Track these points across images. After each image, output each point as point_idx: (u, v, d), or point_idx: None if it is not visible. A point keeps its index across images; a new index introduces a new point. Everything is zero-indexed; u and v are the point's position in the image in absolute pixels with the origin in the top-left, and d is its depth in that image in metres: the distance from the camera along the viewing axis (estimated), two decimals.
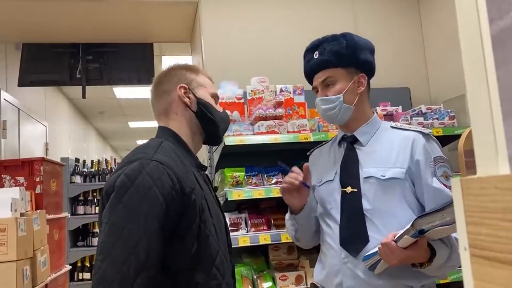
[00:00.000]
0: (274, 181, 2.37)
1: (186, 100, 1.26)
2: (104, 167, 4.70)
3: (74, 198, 4.44)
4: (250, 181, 2.35)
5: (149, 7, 3.39)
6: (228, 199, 2.19)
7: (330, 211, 1.42)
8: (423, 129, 1.40)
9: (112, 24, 3.70)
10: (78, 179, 4.44)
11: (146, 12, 3.48)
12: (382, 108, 2.64)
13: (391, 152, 1.36)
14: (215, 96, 1.34)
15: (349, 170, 1.40)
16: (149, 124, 8.17)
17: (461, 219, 0.44)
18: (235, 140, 2.20)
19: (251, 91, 2.46)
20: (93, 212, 4.43)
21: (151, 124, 8.04)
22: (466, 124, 2.55)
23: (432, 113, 2.61)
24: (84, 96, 4.14)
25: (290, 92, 2.50)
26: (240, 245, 2.17)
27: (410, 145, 1.35)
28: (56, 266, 2.70)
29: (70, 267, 3.11)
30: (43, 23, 3.63)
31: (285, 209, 1.53)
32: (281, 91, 2.50)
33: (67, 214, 3.14)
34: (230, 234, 1.39)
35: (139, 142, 9.42)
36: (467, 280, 0.43)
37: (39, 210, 2.40)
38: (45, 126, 5.03)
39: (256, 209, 2.49)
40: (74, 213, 4.38)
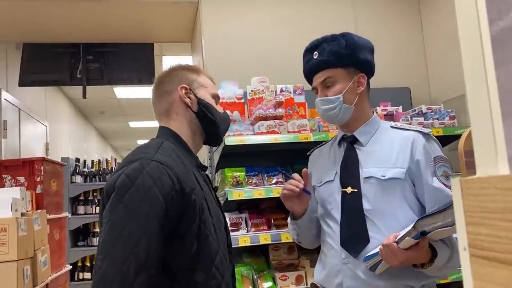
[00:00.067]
0: (274, 181, 2.37)
1: (187, 100, 1.26)
2: (105, 167, 4.70)
3: (74, 198, 4.44)
4: (251, 181, 2.35)
5: (149, 7, 3.39)
6: (229, 199, 2.19)
7: (330, 211, 1.42)
8: (423, 129, 1.40)
9: (113, 24, 3.70)
10: (79, 179, 4.44)
11: (147, 12, 3.49)
12: (383, 108, 2.64)
13: (391, 152, 1.36)
14: (216, 97, 1.34)
15: (349, 170, 1.40)
16: (149, 124, 8.17)
17: (461, 219, 0.45)
18: (235, 140, 2.20)
19: (252, 91, 2.46)
20: (93, 212, 4.43)
21: (152, 124, 8.04)
22: (467, 124, 2.55)
23: (432, 113, 2.61)
24: (84, 96, 4.14)
25: (291, 92, 2.50)
26: (240, 245, 2.18)
27: (410, 145, 1.34)
28: (57, 266, 2.70)
29: (71, 267, 3.11)
30: (43, 23, 3.63)
31: (285, 209, 1.53)
32: (281, 91, 2.50)
33: (67, 214, 3.15)
34: (231, 234, 1.39)
35: (139, 142, 9.42)
36: (467, 280, 0.43)
37: (40, 210, 2.40)
38: (45, 126, 5.03)
39: (256, 209, 2.49)
40: (74, 213, 4.38)
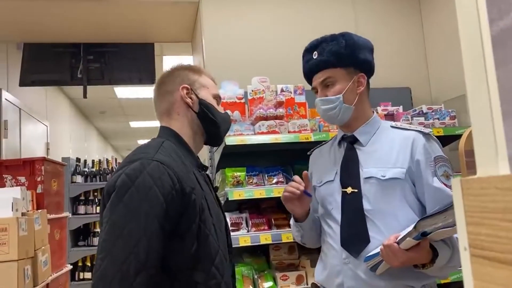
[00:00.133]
0: (275, 181, 2.37)
1: (188, 100, 1.26)
2: (105, 167, 4.70)
3: (75, 197, 4.44)
4: (251, 181, 2.35)
5: (150, 7, 3.39)
6: (229, 199, 2.19)
7: (330, 211, 1.42)
8: (423, 128, 1.39)
9: (113, 24, 3.70)
10: (79, 178, 4.44)
11: (147, 12, 3.49)
12: (383, 108, 2.64)
13: (391, 152, 1.36)
14: (217, 97, 1.34)
15: (349, 171, 1.40)
16: (150, 124, 8.17)
17: (461, 219, 0.45)
18: (236, 140, 2.20)
19: (252, 91, 2.46)
20: (94, 212, 4.43)
21: (152, 124, 8.05)
22: (467, 124, 2.55)
23: (433, 113, 2.61)
24: (85, 96, 4.14)
25: (291, 92, 2.50)
26: (241, 245, 2.18)
27: (410, 145, 1.34)
28: (57, 265, 2.70)
29: (71, 266, 3.12)
30: (44, 23, 3.63)
31: (286, 209, 1.52)
32: (282, 91, 2.50)
33: (68, 214, 3.15)
34: (231, 234, 1.39)
35: (140, 142, 9.43)
36: (467, 280, 0.43)
37: (40, 210, 2.40)
38: (46, 126, 5.03)
39: (257, 209, 2.49)
40: (75, 212, 4.38)
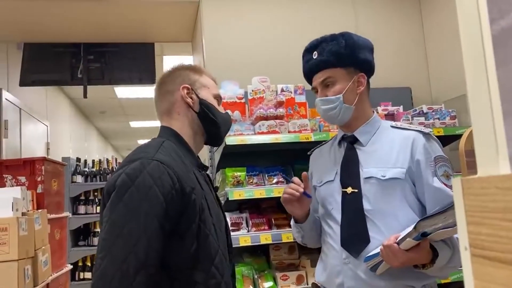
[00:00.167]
0: (275, 181, 2.37)
1: (189, 100, 1.26)
2: (105, 167, 4.70)
3: (75, 197, 4.44)
4: (251, 180, 2.35)
5: (150, 7, 3.39)
6: (229, 199, 2.19)
7: (331, 211, 1.42)
8: (423, 128, 1.39)
9: (113, 24, 3.70)
10: (79, 178, 4.44)
11: (147, 12, 3.49)
12: (383, 108, 2.64)
13: (391, 152, 1.36)
14: (218, 97, 1.34)
15: (349, 171, 1.40)
16: (150, 124, 8.17)
17: (461, 219, 0.44)
18: (236, 140, 2.20)
19: (252, 90, 2.46)
20: (94, 211, 4.43)
21: (152, 124, 8.05)
22: (467, 124, 2.54)
23: (433, 113, 2.61)
24: (85, 95, 4.14)
25: (291, 92, 2.50)
26: (241, 244, 2.18)
27: (410, 145, 1.34)
28: (57, 265, 2.70)
29: (71, 266, 3.12)
30: (44, 23, 3.63)
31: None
32: (282, 90, 2.50)
33: (68, 214, 3.15)
34: (231, 233, 1.39)
35: (140, 141, 9.43)
36: (468, 280, 0.43)
37: (41, 210, 2.40)
38: (46, 126, 5.03)
39: (257, 208, 2.49)
40: (75, 212, 4.38)
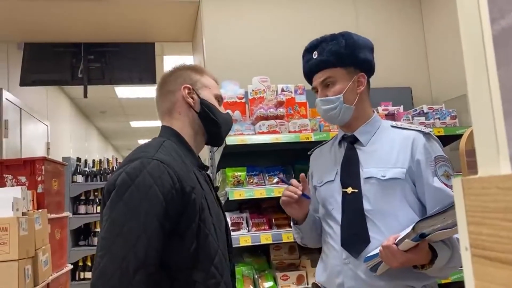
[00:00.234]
0: (275, 180, 2.36)
1: (190, 100, 1.26)
2: (106, 167, 4.69)
3: (75, 197, 4.44)
4: (252, 180, 2.35)
5: (150, 6, 3.39)
6: (230, 199, 2.19)
7: (331, 211, 1.42)
8: (424, 128, 1.39)
9: (114, 23, 3.70)
10: (80, 178, 4.44)
11: (148, 12, 3.49)
12: (384, 107, 2.64)
13: (392, 152, 1.36)
14: (219, 98, 1.34)
15: (349, 171, 1.39)
16: (150, 123, 8.18)
17: (462, 219, 0.44)
18: (236, 140, 2.20)
19: (253, 90, 2.46)
20: (94, 211, 4.43)
21: (153, 123, 8.06)
22: (468, 124, 2.54)
23: (433, 113, 2.61)
24: (85, 95, 4.14)
25: (292, 92, 2.50)
26: (241, 244, 2.18)
27: (410, 144, 1.34)
28: (58, 265, 2.70)
29: (72, 266, 3.12)
30: (44, 23, 3.63)
31: None
32: (282, 90, 2.50)
33: (68, 214, 3.15)
34: (232, 233, 1.39)
35: (140, 141, 9.43)
36: (468, 280, 0.43)
37: (41, 210, 2.40)
38: (46, 126, 5.04)
39: (257, 208, 2.49)
40: (75, 212, 4.38)
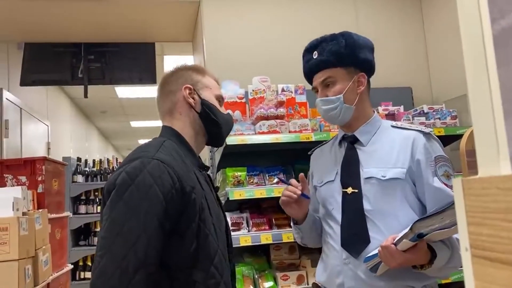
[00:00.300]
0: (275, 180, 2.36)
1: (191, 100, 1.26)
2: (106, 167, 4.69)
3: (76, 197, 4.44)
4: (252, 180, 2.35)
5: (150, 6, 3.39)
6: (230, 199, 2.19)
7: (331, 211, 1.42)
8: (424, 128, 1.39)
9: (114, 23, 3.70)
10: (80, 178, 4.44)
11: (148, 12, 3.49)
12: (384, 107, 2.64)
13: (392, 152, 1.36)
14: (220, 98, 1.34)
15: (349, 171, 1.39)
16: (150, 123, 8.18)
17: (462, 219, 0.44)
18: (236, 140, 2.20)
19: (253, 90, 2.46)
20: (95, 211, 4.43)
21: (153, 123, 8.06)
22: (468, 124, 2.54)
23: (434, 113, 2.60)
24: (86, 95, 4.14)
25: (292, 92, 2.50)
26: (241, 244, 2.17)
27: (411, 144, 1.34)
28: (58, 265, 2.70)
29: (72, 266, 3.12)
30: (45, 23, 3.63)
31: None
32: (282, 90, 2.50)
33: (69, 214, 3.15)
34: (232, 233, 1.39)
35: (140, 141, 9.43)
36: (469, 280, 0.43)
37: (41, 209, 2.40)
38: (47, 126, 5.04)
39: (257, 208, 2.49)
40: (76, 212, 4.38)
